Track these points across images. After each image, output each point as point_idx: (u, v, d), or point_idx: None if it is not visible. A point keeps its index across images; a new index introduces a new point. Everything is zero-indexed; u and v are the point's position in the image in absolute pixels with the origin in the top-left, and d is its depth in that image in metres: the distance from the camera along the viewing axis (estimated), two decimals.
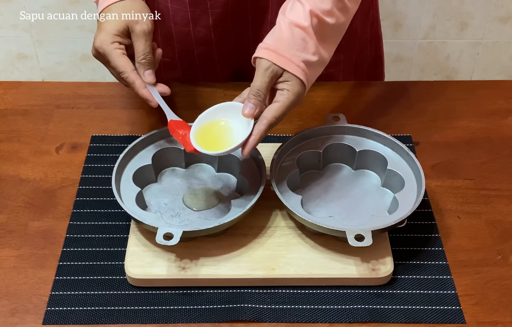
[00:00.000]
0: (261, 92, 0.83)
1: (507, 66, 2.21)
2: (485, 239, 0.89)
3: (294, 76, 0.83)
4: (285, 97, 0.83)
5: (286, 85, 0.84)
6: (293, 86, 0.84)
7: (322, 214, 0.88)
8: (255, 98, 0.82)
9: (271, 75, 0.83)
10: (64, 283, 0.82)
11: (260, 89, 0.83)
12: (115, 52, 0.90)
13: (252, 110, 0.82)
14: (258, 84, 0.83)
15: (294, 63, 0.83)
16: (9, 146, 1.02)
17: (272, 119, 0.82)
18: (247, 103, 0.83)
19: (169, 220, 0.86)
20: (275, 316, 0.79)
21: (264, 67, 0.83)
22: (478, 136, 1.05)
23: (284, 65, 0.83)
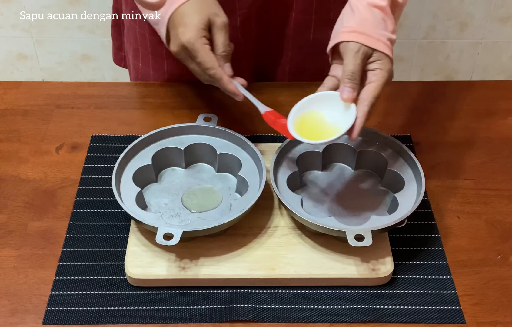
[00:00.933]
0: (356, 75, 0.83)
1: (507, 66, 2.21)
2: (485, 239, 0.89)
3: (384, 54, 0.85)
4: (380, 75, 0.84)
5: (377, 64, 0.85)
6: (385, 64, 0.85)
7: (322, 214, 0.88)
8: (351, 81, 0.83)
9: (362, 56, 0.83)
10: (64, 283, 0.82)
11: (354, 72, 0.83)
12: (204, 47, 0.88)
13: (350, 93, 0.83)
14: (351, 67, 0.83)
15: (381, 42, 0.85)
16: (9, 146, 1.02)
17: (372, 99, 0.83)
18: (344, 88, 0.83)
19: (169, 220, 0.86)
20: (275, 316, 0.79)
21: (354, 49, 0.84)
22: (478, 136, 1.05)
23: (374, 45, 0.84)
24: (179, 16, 0.89)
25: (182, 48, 0.89)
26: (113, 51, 1.28)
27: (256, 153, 0.91)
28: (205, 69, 0.88)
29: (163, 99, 1.12)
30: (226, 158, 0.93)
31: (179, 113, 1.08)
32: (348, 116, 0.82)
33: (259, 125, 0.96)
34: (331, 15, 1.09)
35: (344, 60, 0.85)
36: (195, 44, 0.87)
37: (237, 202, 0.86)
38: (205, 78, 0.90)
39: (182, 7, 0.89)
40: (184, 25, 0.88)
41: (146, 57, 1.15)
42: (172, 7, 0.89)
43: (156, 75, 1.16)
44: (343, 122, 0.82)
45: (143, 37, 1.12)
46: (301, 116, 0.86)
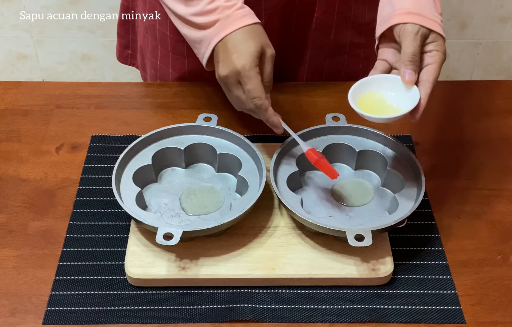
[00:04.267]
0: (416, 57, 0.83)
1: (507, 66, 2.21)
2: (485, 239, 0.89)
3: (440, 36, 0.85)
4: (437, 57, 0.84)
5: (433, 45, 0.84)
6: (441, 46, 0.85)
7: (322, 214, 0.88)
8: (412, 63, 0.82)
9: (421, 38, 0.83)
10: (64, 283, 0.82)
11: (415, 54, 0.83)
12: (257, 76, 0.87)
13: (412, 75, 0.82)
14: (412, 50, 0.83)
15: (437, 23, 0.85)
16: (9, 146, 1.02)
17: (433, 81, 0.83)
18: (406, 70, 0.82)
19: (169, 220, 0.86)
20: (275, 316, 0.79)
21: (414, 31, 0.83)
22: (478, 136, 1.05)
23: (431, 26, 0.84)
24: (233, 42, 0.87)
25: (234, 73, 0.87)
26: (118, 49, 1.28)
27: (256, 153, 0.91)
28: (253, 98, 0.87)
29: (163, 99, 1.12)
30: (226, 158, 0.93)
31: (179, 113, 1.08)
32: (409, 97, 0.82)
33: (259, 125, 0.96)
34: (352, 16, 1.10)
35: (403, 42, 0.84)
36: (250, 71, 0.86)
37: (237, 202, 0.86)
38: (248, 107, 0.88)
39: (236, 33, 0.88)
40: (239, 52, 0.86)
41: (165, 56, 1.15)
42: (224, 32, 0.88)
43: (176, 73, 1.15)
44: (404, 104, 0.82)
45: (163, 35, 1.12)
46: (363, 96, 0.85)
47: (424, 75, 0.83)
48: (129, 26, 1.23)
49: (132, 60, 1.27)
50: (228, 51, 0.87)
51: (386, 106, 0.85)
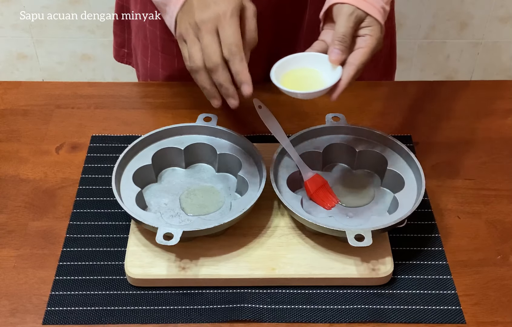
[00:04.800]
0: (346, 38, 0.82)
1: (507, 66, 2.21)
2: (485, 239, 0.89)
3: (376, 21, 0.83)
4: (369, 42, 0.83)
5: (368, 30, 0.83)
6: (375, 31, 0.83)
7: (322, 214, 0.88)
8: (341, 43, 0.81)
9: (355, 20, 0.82)
10: (64, 283, 0.82)
11: (345, 35, 0.81)
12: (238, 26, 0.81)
13: (339, 55, 0.81)
14: (343, 30, 0.81)
15: (376, 8, 0.83)
16: (9, 146, 1.02)
17: (360, 65, 0.82)
18: (333, 49, 0.81)
19: (169, 220, 0.86)
20: (275, 316, 0.79)
21: (348, 12, 0.82)
22: (478, 136, 1.05)
23: (368, 9, 0.82)
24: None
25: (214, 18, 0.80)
26: (114, 47, 1.28)
27: (256, 153, 0.91)
28: (230, 44, 0.79)
29: (163, 99, 1.12)
30: (226, 158, 0.93)
31: (179, 113, 1.08)
32: (333, 77, 0.81)
33: (259, 125, 0.96)
34: None
35: (337, 22, 0.83)
36: (232, 18, 0.80)
37: (237, 202, 0.86)
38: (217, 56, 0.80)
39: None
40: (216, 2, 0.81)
41: (155, 55, 1.14)
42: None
43: (166, 72, 1.15)
44: (325, 82, 0.81)
45: (153, 35, 1.12)
46: (288, 72, 0.84)
47: (351, 57, 0.82)
48: (124, 25, 1.23)
49: (128, 58, 1.27)
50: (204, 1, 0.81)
51: (309, 83, 0.83)
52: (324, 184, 0.90)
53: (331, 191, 0.90)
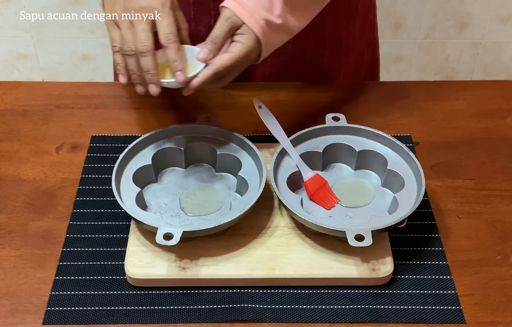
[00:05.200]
0: (218, 40, 0.84)
1: (507, 66, 2.21)
2: (485, 239, 0.89)
3: (251, 31, 0.85)
4: (237, 49, 0.84)
5: (241, 37, 0.85)
6: (247, 40, 0.85)
7: (322, 214, 0.88)
8: (212, 44, 0.84)
9: (230, 25, 0.84)
10: (64, 283, 0.82)
11: (218, 36, 0.84)
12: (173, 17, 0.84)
13: (205, 54, 0.84)
14: (215, 31, 0.85)
15: (254, 18, 0.84)
16: (9, 146, 1.02)
17: (219, 67, 0.84)
18: (203, 48, 0.84)
19: (169, 220, 0.86)
20: (275, 316, 0.79)
21: (226, 16, 0.85)
22: (478, 136, 1.05)
23: (245, 18, 0.84)
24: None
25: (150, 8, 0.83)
26: None
27: (256, 153, 0.91)
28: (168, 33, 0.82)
29: (163, 99, 1.12)
30: (226, 158, 0.93)
31: (179, 113, 1.08)
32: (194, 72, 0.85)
33: (259, 125, 0.96)
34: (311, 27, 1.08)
35: (217, 22, 0.86)
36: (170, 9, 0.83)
37: (237, 202, 0.86)
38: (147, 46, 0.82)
39: None
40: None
41: None
42: None
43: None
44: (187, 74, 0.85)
45: None
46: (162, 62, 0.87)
47: (216, 58, 0.84)
48: None
49: None
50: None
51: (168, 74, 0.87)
52: (324, 184, 0.90)
53: (331, 191, 0.90)
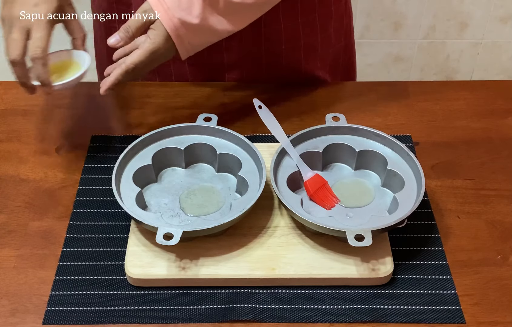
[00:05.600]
0: (130, 29, 0.86)
1: (507, 66, 2.21)
2: (485, 239, 0.89)
3: (163, 27, 0.86)
4: (146, 45, 0.87)
5: (151, 32, 0.87)
6: (156, 36, 0.86)
7: (322, 214, 0.88)
8: (124, 32, 0.86)
9: (145, 17, 0.86)
10: (64, 283, 0.82)
11: (130, 26, 0.86)
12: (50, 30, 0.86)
13: (116, 41, 0.87)
14: (131, 22, 0.87)
15: (168, 15, 0.86)
16: (9, 146, 1.02)
17: (130, 64, 0.86)
18: (115, 34, 0.87)
19: (169, 220, 0.86)
20: (275, 316, 0.79)
21: (143, 8, 0.87)
22: (478, 136, 1.05)
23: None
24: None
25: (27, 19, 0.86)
26: None
27: (256, 153, 0.91)
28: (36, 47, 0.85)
29: (163, 99, 1.12)
30: (226, 158, 0.93)
31: (179, 113, 1.08)
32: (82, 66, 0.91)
33: (259, 125, 0.96)
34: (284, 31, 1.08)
35: None
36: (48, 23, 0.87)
37: (237, 202, 0.86)
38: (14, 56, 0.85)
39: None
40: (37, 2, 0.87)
41: None
42: None
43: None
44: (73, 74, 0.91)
45: None
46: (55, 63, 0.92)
47: (127, 57, 0.87)
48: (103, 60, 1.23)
49: None
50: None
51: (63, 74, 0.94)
52: (324, 184, 0.90)
53: (331, 191, 0.90)
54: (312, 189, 0.89)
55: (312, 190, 0.89)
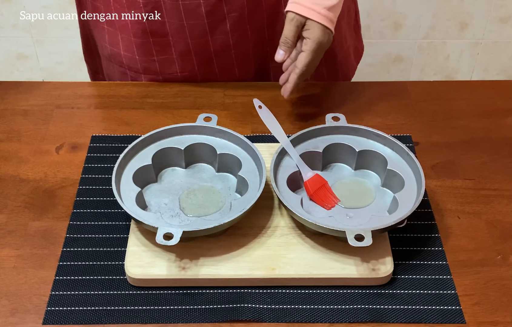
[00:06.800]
0: (288, 40, 0.95)
1: (507, 66, 2.21)
2: (485, 239, 0.89)
3: (316, 23, 0.94)
4: (308, 45, 0.95)
5: (308, 33, 0.95)
6: (313, 33, 0.94)
7: (322, 214, 0.88)
8: (284, 45, 0.95)
9: (296, 24, 0.95)
10: (64, 283, 0.82)
11: (287, 37, 0.95)
12: None
13: (281, 56, 0.96)
14: (285, 33, 0.95)
15: (314, 11, 0.94)
16: (9, 146, 1.02)
17: (302, 67, 0.95)
18: (278, 50, 0.96)
19: (169, 220, 0.86)
20: (275, 316, 0.79)
21: (289, 18, 0.95)
22: (478, 136, 1.05)
23: (306, 14, 0.94)
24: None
25: None
26: (90, 74, 1.28)
27: (256, 153, 0.91)
28: None
29: (163, 99, 1.12)
30: (226, 158, 0.93)
31: (179, 113, 1.08)
32: None
33: (259, 125, 0.96)
34: None
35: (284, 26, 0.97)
36: None
37: (237, 202, 0.86)
38: None
39: None
40: None
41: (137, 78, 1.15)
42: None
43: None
44: None
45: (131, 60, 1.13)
46: None
47: (297, 61, 0.96)
48: (93, 52, 1.23)
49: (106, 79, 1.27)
50: None
51: None
52: (324, 184, 0.90)
53: (331, 191, 0.90)
54: (312, 189, 0.89)
55: (312, 190, 0.89)
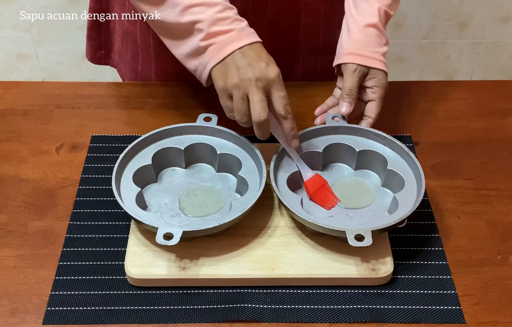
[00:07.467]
0: (353, 91, 0.95)
1: (507, 66, 2.21)
2: (485, 239, 0.89)
3: (379, 70, 0.96)
4: (378, 93, 0.96)
5: (374, 81, 0.96)
6: (381, 81, 0.96)
7: (322, 214, 0.88)
8: (349, 97, 0.95)
9: (359, 75, 0.95)
10: (64, 283, 0.82)
11: (352, 89, 0.95)
12: None
13: (348, 108, 0.95)
14: (349, 85, 0.95)
15: (377, 60, 0.96)
16: (9, 146, 1.02)
17: (375, 116, 0.96)
18: (343, 102, 0.95)
19: (169, 220, 0.86)
20: (275, 316, 0.79)
21: (352, 69, 0.95)
22: (478, 136, 1.05)
23: (369, 64, 0.95)
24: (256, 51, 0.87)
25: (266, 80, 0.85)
26: (89, 51, 1.27)
27: (256, 153, 0.91)
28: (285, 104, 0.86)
29: (163, 99, 1.12)
30: (226, 158, 0.93)
31: (179, 113, 1.08)
32: None
33: None
34: (337, 16, 1.10)
35: (344, 78, 0.96)
36: (282, 81, 0.86)
37: (237, 202, 0.86)
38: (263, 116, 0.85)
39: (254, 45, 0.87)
40: (268, 61, 0.86)
41: (148, 61, 1.14)
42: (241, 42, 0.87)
43: (158, 78, 1.16)
44: None
45: (145, 43, 1.12)
46: None
47: (367, 110, 0.96)
48: (102, 28, 1.23)
49: (106, 59, 1.26)
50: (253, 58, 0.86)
51: None
52: (324, 184, 0.90)
53: (331, 191, 0.90)
54: (312, 189, 0.89)
55: (312, 190, 0.89)
